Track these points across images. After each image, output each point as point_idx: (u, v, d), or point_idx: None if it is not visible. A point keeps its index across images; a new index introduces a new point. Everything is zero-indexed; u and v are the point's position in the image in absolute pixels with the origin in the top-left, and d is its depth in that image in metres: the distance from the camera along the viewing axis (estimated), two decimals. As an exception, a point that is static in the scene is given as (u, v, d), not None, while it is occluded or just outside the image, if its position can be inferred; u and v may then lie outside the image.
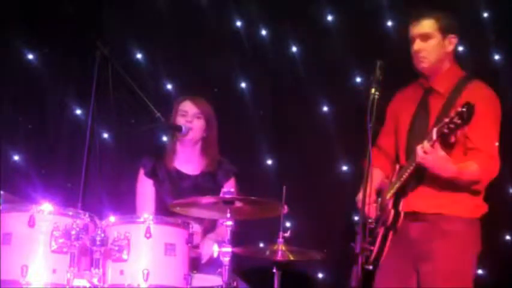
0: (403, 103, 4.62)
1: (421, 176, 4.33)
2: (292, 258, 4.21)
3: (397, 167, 4.49)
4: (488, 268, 5.69)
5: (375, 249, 4.43)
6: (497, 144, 4.36)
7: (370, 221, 4.45)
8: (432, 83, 4.48)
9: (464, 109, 3.96)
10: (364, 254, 4.39)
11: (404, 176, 4.33)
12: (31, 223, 4.01)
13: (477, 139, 4.25)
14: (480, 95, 4.36)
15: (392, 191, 4.41)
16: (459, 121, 3.97)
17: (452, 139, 4.07)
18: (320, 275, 5.94)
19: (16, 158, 5.84)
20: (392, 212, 4.38)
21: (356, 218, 4.63)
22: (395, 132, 4.64)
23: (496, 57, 5.83)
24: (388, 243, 4.41)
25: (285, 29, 6.08)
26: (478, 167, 4.25)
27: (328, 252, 5.70)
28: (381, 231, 4.44)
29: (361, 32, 5.85)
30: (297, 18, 6.04)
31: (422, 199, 4.37)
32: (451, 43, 4.46)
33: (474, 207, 4.41)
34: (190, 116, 5.05)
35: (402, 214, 4.35)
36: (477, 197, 4.42)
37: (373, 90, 4.14)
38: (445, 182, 4.31)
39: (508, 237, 5.78)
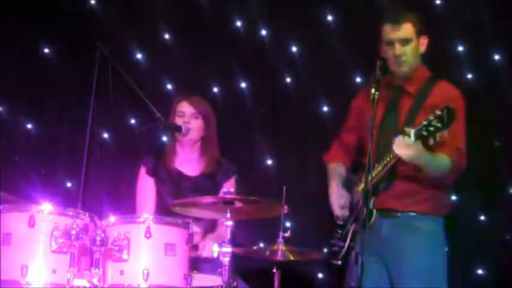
0: (365, 101, 4.61)
1: (393, 174, 4.36)
2: (292, 258, 4.21)
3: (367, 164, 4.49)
4: (488, 268, 5.69)
5: (345, 245, 4.47)
6: (464, 142, 4.37)
7: (340, 218, 4.53)
8: (402, 83, 4.51)
9: (443, 112, 3.98)
10: (332, 250, 4.47)
11: (378, 173, 4.33)
12: (31, 223, 4.01)
13: (448, 136, 4.26)
14: (447, 94, 4.43)
15: (363, 188, 4.41)
16: (439, 124, 4.01)
17: (431, 142, 4.09)
18: (320, 275, 5.93)
19: (16, 158, 5.84)
20: (364, 210, 4.39)
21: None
22: (358, 130, 4.66)
23: (496, 57, 5.83)
24: (358, 241, 4.44)
25: (285, 29, 6.07)
26: (448, 159, 4.30)
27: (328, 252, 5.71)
28: (351, 228, 4.48)
29: (361, 32, 5.85)
30: (297, 18, 6.04)
31: (393, 197, 4.40)
32: (423, 44, 4.50)
33: (442, 205, 4.48)
34: (187, 116, 5.04)
35: (375, 213, 4.37)
36: (445, 195, 4.50)
37: (373, 90, 4.14)
38: (415, 180, 4.36)
39: (508, 237, 5.77)
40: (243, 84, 6.08)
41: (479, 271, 5.71)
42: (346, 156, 4.76)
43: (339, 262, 4.48)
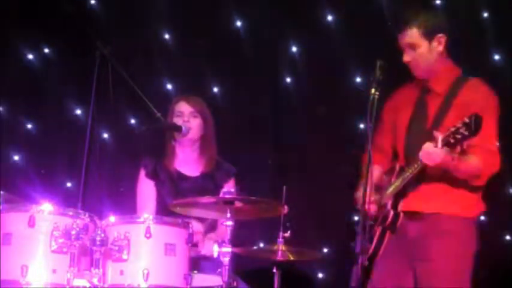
0: (400, 103, 4.62)
1: (421, 176, 4.33)
2: (292, 258, 4.21)
3: (397, 167, 4.49)
4: (488, 268, 5.69)
5: (372, 246, 4.43)
6: (497, 141, 4.34)
7: (369, 219, 4.46)
8: (429, 83, 4.48)
9: (471, 120, 3.94)
10: (363, 253, 4.43)
11: (406, 177, 4.33)
12: (31, 223, 4.01)
13: (477, 136, 4.23)
14: (478, 93, 4.36)
15: (392, 191, 4.41)
16: (466, 133, 3.96)
17: (458, 149, 4.06)
18: (320, 275, 5.94)
19: (16, 158, 5.84)
20: (391, 212, 4.38)
21: (356, 218, 4.62)
22: (392, 131, 4.64)
23: (496, 57, 5.83)
24: (385, 242, 4.42)
25: (285, 29, 6.07)
26: (479, 160, 4.24)
27: (328, 252, 5.72)
28: (378, 229, 4.45)
29: (361, 32, 5.85)
30: (297, 18, 6.04)
31: (420, 199, 4.36)
32: (440, 43, 4.42)
33: (471, 206, 4.41)
34: (186, 115, 5.05)
35: (401, 215, 4.36)
36: (475, 196, 4.41)
37: (373, 90, 4.13)
38: (444, 181, 4.31)
39: (508, 237, 5.78)
40: (243, 84, 6.08)
41: (480, 271, 5.71)
42: (381, 158, 4.63)
43: (366, 263, 4.43)
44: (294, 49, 6.07)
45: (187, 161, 5.11)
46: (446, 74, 4.47)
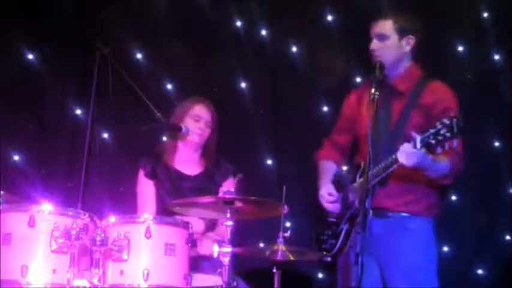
0: (360, 102, 4.63)
1: (388, 174, 4.36)
2: (292, 258, 4.21)
3: (362, 165, 4.49)
4: (488, 268, 5.70)
5: (338, 243, 4.51)
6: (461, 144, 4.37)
7: (332, 215, 4.58)
8: (392, 82, 4.51)
9: (453, 122, 3.96)
10: (322, 246, 4.49)
11: (376, 176, 4.33)
12: (31, 223, 4.01)
13: None
14: (441, 94, 4.44)
15: (361, 189, 4.42)
16: (448, 134, 3.97)
17: (439, 150, 4.07)
18: (320, 275, 5.94)
19: (16, 158, 5.84)
20: (361, 210, 4.40)
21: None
22: (351, 129, 4.67)
23: (496, 57, 5.83)
24: (350, 240, 4.46)
25: (285, 29, 6.07)
26: (448, 160, 4.30)
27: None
28: (345, 227, 4.50)
29: (361, 32, 5.84)
30: (297, 18, 6.04)
31: (388, 196, 4.41)
32: (409, 44, 4.50)
33: (434, 206, 4.49)
34: (203, 123, 5.02)
35: (370, 212, 4.37)
36: (438, 196, 4.50)
37: (373, 90, 4.15)
38: (411, 180, 4.37)
39: (508, 237, 5.78)
40: (243, 84, 6.08)
41: (479, 271, 5.71)
42: (338, 155, 4.79)
43: (329, 259, 4.50)
44: (294, 49, 6.07)
45: (188, 161, 5.11)
46: (409, 74, 4.53)
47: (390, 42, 4.45)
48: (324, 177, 4.69)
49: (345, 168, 4.81)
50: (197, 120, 5.04)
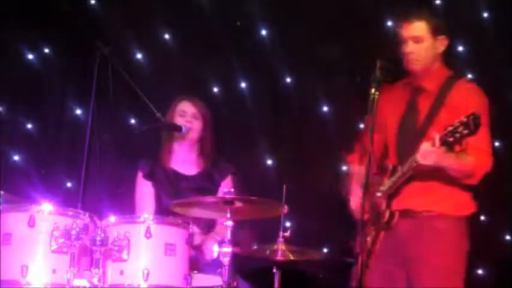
0: (389, 102, 4.62)
1: (414, 174, 4.33)
2: (292, 258, 4.21)
3: (390, 166, 4.49)
4: (488, 268, 5.69)
5: (367, 247, 4.42)
6: (490, 141, 4.34)
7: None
8: (421, 82, 4.50)
9: (470, 119, 3.94)
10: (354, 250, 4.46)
11: (400, 176, 4.33)
12: (31, 223, 4.01)
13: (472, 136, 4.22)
14: (469, 93, 4.40)
15: (386, 190, 4.41)
16: (465, 131, 3.95)
17: (457, 148, 4.06)
18: (320, 275, 5.93)
19: (16, 158, 5.84)
20: (387, 212, 4.38)
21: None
22: (380, 131, 4.65)
23: (496, 57, 5.83)
24: (379, 242, 4.43)
25: (285, 29, 6.07)
26: (473, 160, 4.25)
27: (328, 252, 5.71)
28: (372, 229, 4.46)
29: (361, 32, 5.84)
30: (296, 18, 6.03)
31: (412, 197, 4.37)
32: (442, 44, 4.49)
33: (463, 205, 4.42)
34: (189, 116, 5.06)
35: (396, 214, 4.36)
36: (467, 195, 4.43)
37: (372, 90, 4.14)
38: (436, 179, 4.32)
39: (508, 237, 5.77)
40: (243, 84, 6.08)
41: (479, 271, 5.71)
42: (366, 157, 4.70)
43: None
44: (294, 49, 6.06)
45: (185, 161, 5.11)
46: (439, 73, 4.50)
47: (426, 44, 4.42)
48: (354, 183, 4.62)
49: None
50: (182, 115, 5.08)
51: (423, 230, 4.35)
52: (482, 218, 5.72)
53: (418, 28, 4.43)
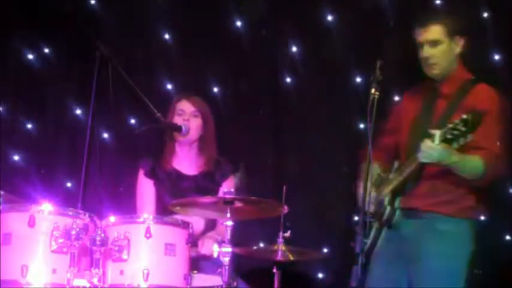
0: (409, 102, 4.63)
1: (422, 174, 4.33)
2: (292, 258, 4.21)
3: (396, 163, 4.49)
4: (488, 268, 5.69)
5: (369, 242, 4.46)
6: (502, 145, 4.32)
7: (369, 216, 4.49)
8: (439, 85, 4.48)
9: (469, 116, 3.93)
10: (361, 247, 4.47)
11: (404, 174, 4.33)
12: (31, 223, 4.01)
13: (480, 138, 4.20)
14: (486, 96, 4.37)
15: (389, 188, 4.41)
16: (463, 128, 3.94)
17: (455, 145, 4.04)
18: (320, 275, 5.93)
19: (16, 158, 5.84)
20: (388, 208, 4.39)
21: (356, 218, 4.63)
22: (395, 132, 4.64)
23: (496, 57, 5.83)
24: (381, 239, 4.44)
25: (285, 29, 6.07)
26: (482, 161, 4.22)
27: (328, 252, 5.71)
28: (375, 225, 4.47)
29: (361, 32, 5.85)
30: (297, 18, 6.04)
31: (418, 197, 4.37)
32: (459, 45, 4.46)
33: (470, 208, 4.40)
34: (187, 114, 5.05)
35: (398, 212, 4.36)
36: (475, 198, 4.40)
37: (373, 90, 4.14)
38: (444, 180, 4.31)
39: (508, 237, 5.78)
40: (243, 84, 6.08)
41: (479, 271, 5.71)
42: (383, 156, 4.65)
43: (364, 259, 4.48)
44: (294, 49, 6.07)
45: (186, 160, 5.11)
46: (457, 76, 4.47)
47: (443, 47, 4.40)
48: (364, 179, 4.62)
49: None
50: (181, 115, 5.07)
51: (426, 232, 4.35)
52: (482, 218, 5.73)
53: (434, 32, 4.40)
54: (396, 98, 5.44)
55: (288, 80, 6.06)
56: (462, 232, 4.38)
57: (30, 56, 5.94)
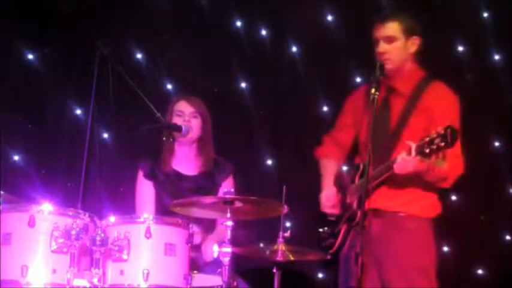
0: (363, 101, 4.64)
1: (389, 179, 4.36)
2: (292, 258, 4.21)
3: (361, 166, 4.50)
4: (488, 268, 5.70)
5: (337, 242, 4.53)
6: (460, 143, 4.35)
7: (331, 217, 4.60)
8: (394, 83, 4.51)
9: (447, 132, 3.95)
10: (322, 244, 4.50)
11: (373, 180, 4.34)
12: (31, 223, 4.01)
13: None
14: (442, 97, 4.44)
15: (357, 190, 4.44)
16: (442, 144, 3.97)
17: (433, 157, 4.07)
18: (320, 275, 5.94)
19: (16, 158, 5.84)
20: (359, 212, 4.41)
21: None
22: (353, 128, 4.68)
23: (496, 57, 5.83)
24: (349, 240, 4.47)
25: (285, 29, 6.08)
26: (449, 165, 4.26)
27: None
28: (343, 227, 4.53)
29: (361, 32, 5.84)
30: (297, 18, 6.04)
31: (383, 198, 4.42)
32: (414, 44, 4.50)
33: (430, 207, 4.48)
34: (187, 115, 5.05)
35: (368, 214, 4.38)
36: (434, 197, 4.49)
37: (373, 90, 4.15)
38: (406, 182, 4.36)
39: (508, 237, 5.78)
40: (243, 84, 6.08)
41: (479, 271, 5.72)
42: (339, 153, 4.78)
43: (328, 257, 4.52)
44: (294, 49, 6.07)
45: (185, 161, 5.11)
46: (411, 74, 4.53)
47: (398, 44, 4.45)
48: (326, 177, 4.69)
49: (345, 168, 4.81)
50: (180, 115, 5.06)
51: (393, 230, 4.42)
52: (482, 218, 5.73)
53: (390, 28, 4.47)
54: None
55: (288, 80, 6.06)
56: (425, 229, 4.46)
57: (30, 56, 5.94)
